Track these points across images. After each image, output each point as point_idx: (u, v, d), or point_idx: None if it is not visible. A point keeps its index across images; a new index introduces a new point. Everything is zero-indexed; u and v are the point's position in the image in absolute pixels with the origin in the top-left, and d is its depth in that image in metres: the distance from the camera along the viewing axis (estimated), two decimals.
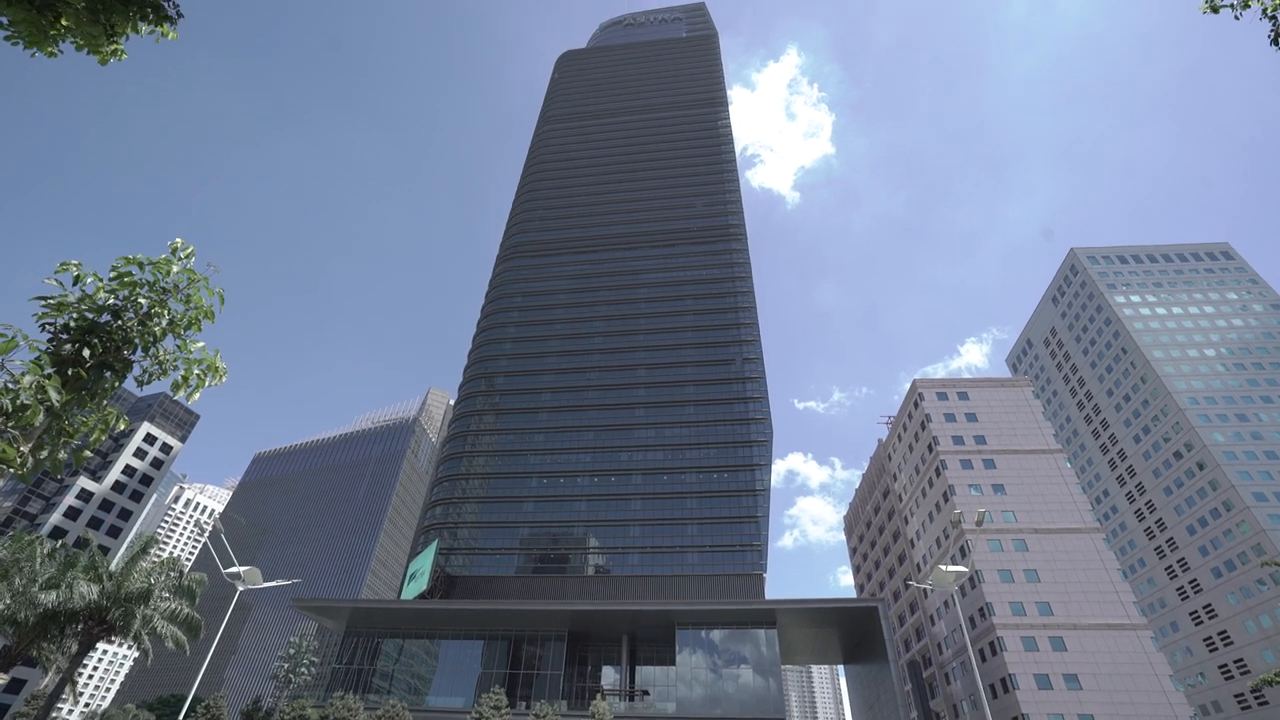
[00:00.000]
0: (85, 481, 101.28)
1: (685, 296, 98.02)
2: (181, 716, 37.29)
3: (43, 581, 30.76)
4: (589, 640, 64.50)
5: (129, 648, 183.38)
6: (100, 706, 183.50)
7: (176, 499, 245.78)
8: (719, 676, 57.62)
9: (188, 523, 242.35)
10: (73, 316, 6.30)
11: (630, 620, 62.12)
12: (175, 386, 6.82)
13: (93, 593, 30.80)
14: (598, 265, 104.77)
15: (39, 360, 5.91)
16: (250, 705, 60.73)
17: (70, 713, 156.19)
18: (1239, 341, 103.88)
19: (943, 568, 31.22)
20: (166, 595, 34.68)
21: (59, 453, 6.12)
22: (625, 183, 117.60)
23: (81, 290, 6.39)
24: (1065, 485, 70.11)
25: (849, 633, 67.42)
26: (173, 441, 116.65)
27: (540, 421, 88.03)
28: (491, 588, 74.34)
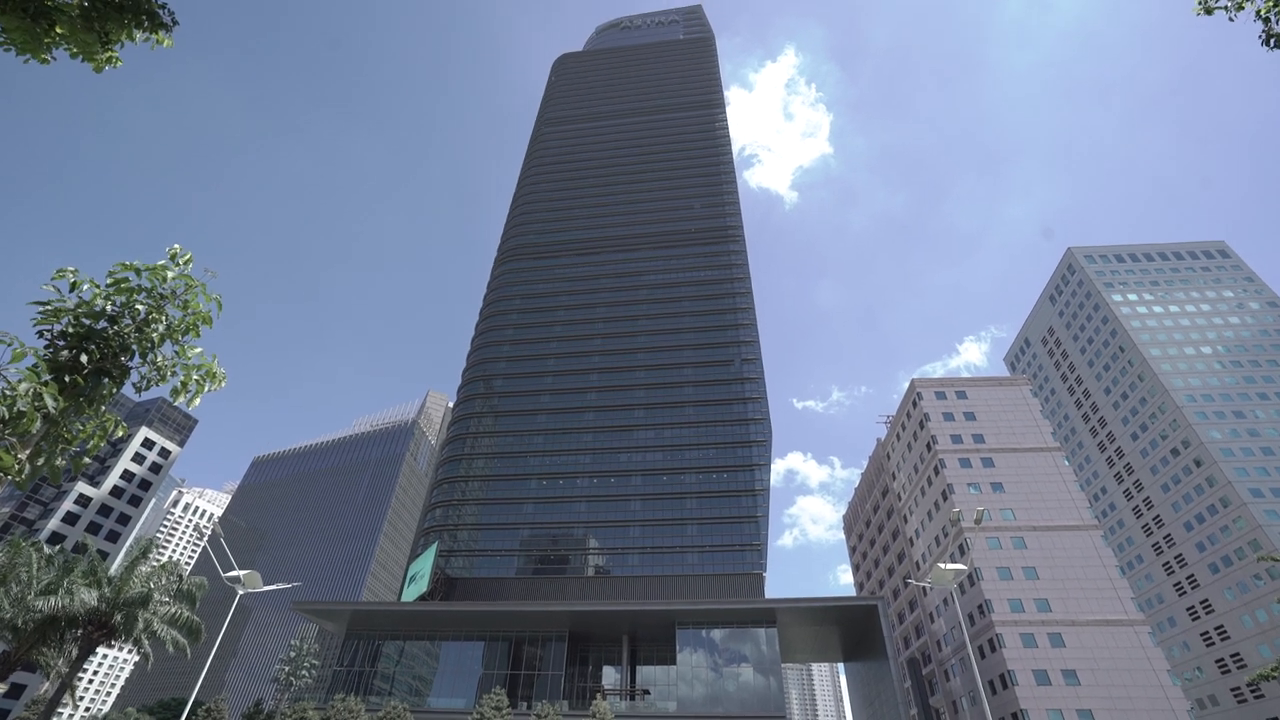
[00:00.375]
0: (83, 486, 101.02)
1: (683, 298, 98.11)
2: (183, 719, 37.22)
3: (39, 587, 30.71)
4: (590, 640, 64.51)
5: (129, 651, 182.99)
6: (101, 710, 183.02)
7: (175, 503, 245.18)
8: (719, 675, 57.66)
9: (187, 527, 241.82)
10: (69, 323, 6.32)
11: (631, 620, 62.16)
12: (175, 393, 6.85)
13: (92, 598, 30.77)
14: (596, 267, 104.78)
15: (36, 367, 5.92)
16: (251, 708, 60.54)
17: (71, 717, 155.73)
18: (1235, 339, 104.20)
19: (942, 565, 31.31)
20: (166, 599, 34.65)
21: (57, 460, 6.14)
22: (623, 185, 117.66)
23: (78, 297, 6.41)
24: (1063, 483, 70.27)
25: (849, 631, 67.52)
26: (171, 446, 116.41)
27: (539, 423, 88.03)
28: (492, 589, 74.33)
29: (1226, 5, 9.18)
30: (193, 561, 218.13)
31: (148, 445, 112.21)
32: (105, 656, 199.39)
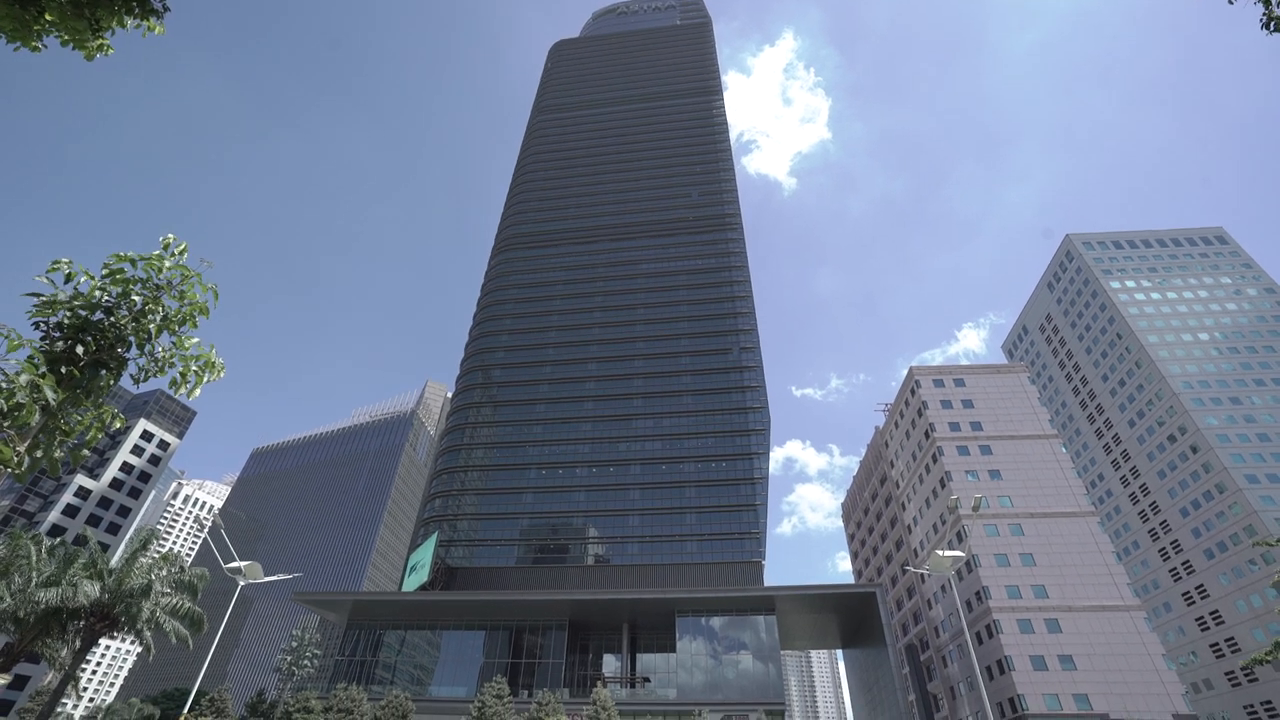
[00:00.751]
0: (83, 479, 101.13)
1: (681, 286, 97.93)
2: (186, 710, 37.54)
3: (40, 579, 30.81)
4: (590, 629, 65.05)
5: (132, 643, 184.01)
6: (105, 701, 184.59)
7: (175, 495, 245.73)
8: (719, 663, 58.23)
9: (187, 519, 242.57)
10: (65, 314, 6.27)
11: (630, 608, 62.63)
12: (174, 384, 6.81)
13: (94, 590, 30.89)
14: (593, 256, 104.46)
15: (33, 359, 5.88)
16: (254, 698, 61.11)
17: (75, 708, 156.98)
18: (1233, 326, 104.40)
19: (940, 552, 31.52)
20: (168, 590, 34.80)
21: (55, 452, 6.11)
22: (620, 173, 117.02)
23: (74, 288, 6.35)
24: (1061, 470, 70.68)
25: (847, 618, 68.14)
26: (170, 438, 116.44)
27: (538, 413, 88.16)
28: (492, 579, 74.77)
29: None
30: (193, 553, 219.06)
31: (146, 437, 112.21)
32: (108, 648, 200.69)
